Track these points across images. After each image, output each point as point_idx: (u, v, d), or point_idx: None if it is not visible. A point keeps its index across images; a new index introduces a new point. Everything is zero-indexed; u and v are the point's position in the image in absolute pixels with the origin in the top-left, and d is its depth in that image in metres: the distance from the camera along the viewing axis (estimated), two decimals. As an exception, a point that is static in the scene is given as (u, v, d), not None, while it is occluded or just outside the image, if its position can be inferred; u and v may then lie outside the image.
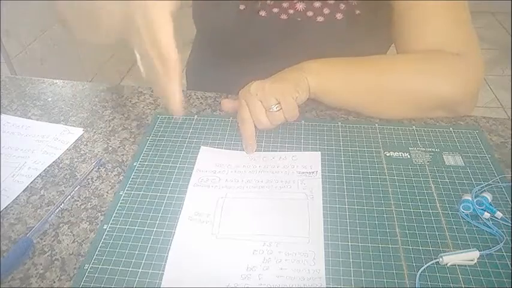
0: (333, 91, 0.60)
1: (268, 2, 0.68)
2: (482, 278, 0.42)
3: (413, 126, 0.60)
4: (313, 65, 0.60)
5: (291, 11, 0.68)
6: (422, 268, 0.43)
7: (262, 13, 0.69)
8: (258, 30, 0.71)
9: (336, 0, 0.66)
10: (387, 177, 0.53)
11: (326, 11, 0.67)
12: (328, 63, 0.61)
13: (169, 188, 0.52)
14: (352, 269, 0.43)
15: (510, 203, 0.49)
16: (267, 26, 0.70)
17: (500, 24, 2.66)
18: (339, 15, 0.67)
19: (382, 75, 0.60)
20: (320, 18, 0.68)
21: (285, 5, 0.68)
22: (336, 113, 0.64)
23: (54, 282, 0.43)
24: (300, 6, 0.67)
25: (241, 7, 0.69)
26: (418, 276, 0.42)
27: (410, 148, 0.57)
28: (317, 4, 0.67)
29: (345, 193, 0.51)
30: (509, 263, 0.44)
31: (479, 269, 0.43)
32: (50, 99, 0.69)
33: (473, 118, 0.62)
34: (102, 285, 0.42)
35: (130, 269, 0.44)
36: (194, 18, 0.79)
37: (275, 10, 0.69)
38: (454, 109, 0.62)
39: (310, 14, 0.68)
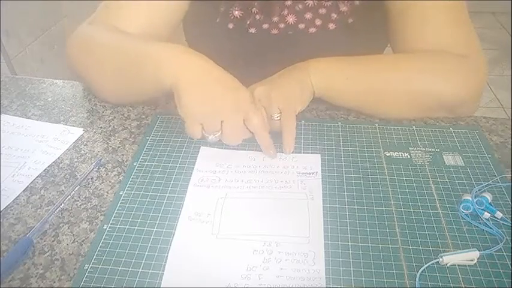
0: (336, 90, 0.60)
1: (258, 17, 0.66)
2: (482, 278, 0.42)
3: (413, 126, 0.60)
4: (320, 66, 0.60)
5: (282, 25, 0.67)
6: (423, 268, 0.43)
7: (252, 30, 0.68)
8: (249, 48, 0.70)
9: (329, 3, 0.65)
10: (387, 177, 0.53)
11: (318, 22, 0.66)
12: (333, 63, 0.60)
13: (169, 188, 0.52)
14: (352, 269, 0.43)
15: (510, 203, 0.49)
16: (258, 42, 0.69)
17: (500, 24, 2.66)
18: (331, 25, 0.66)
19: (385, 75, 0.59)
20: (312, 30, 0.67)
21: (275, 19, 0.66)
22: (336, 113, 0.64)
23: (54, 282, 0.43)
24: (291, 19, 0.66)
25: (230, 26, 0.68)
26: (418, 276, 0.42)
27: (410, 148, 0.57)
28: (308, 16, 0.66)
29: (345, 193, 0.51)
30: (509, 263, 0.44)
31: (479, 269, 0.43)
32: (50, 99, 0.69)
33: (473, 118, 0.62)
34: (102, 285, 0.42)
35: (130, 269, 0.44)
36: (187, 40, 0.77)
37: (265, 26, 0.67)
38: (456, 110, 0.61)
39: (301, 26, 0.67)
